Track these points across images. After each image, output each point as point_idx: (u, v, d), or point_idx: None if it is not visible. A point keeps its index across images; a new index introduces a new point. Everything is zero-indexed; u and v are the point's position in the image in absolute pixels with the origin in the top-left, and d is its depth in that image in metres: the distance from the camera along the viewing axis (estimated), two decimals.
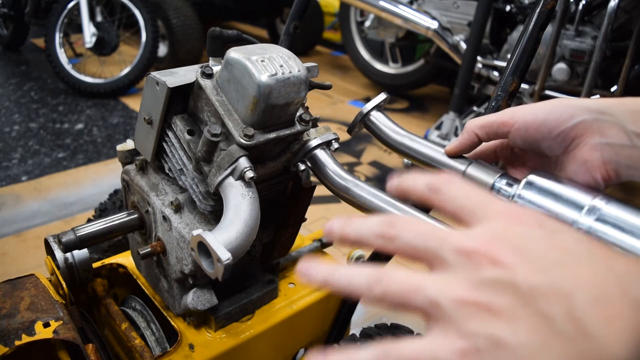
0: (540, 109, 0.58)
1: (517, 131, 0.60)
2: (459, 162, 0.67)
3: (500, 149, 0.69)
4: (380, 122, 0.76)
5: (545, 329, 0.31)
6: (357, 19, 4.01)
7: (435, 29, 3.05)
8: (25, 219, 2.21)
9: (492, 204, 0.39)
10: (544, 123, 0.58)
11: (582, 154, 0.56)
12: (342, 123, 3.44)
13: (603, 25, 2.13)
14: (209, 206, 0.80)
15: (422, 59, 3.65)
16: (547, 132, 0.58)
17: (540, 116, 0.58)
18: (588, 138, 0.56)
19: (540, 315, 0.31)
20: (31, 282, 0.87)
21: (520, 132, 0.60)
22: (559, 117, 0.57)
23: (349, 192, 0.76)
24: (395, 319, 1.74)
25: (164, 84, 0.74)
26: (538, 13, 0.83)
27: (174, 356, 0.87)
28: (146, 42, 3.59)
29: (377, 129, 0.76)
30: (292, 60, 0.73)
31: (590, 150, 0.55)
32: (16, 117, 3.27)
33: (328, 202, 2.42)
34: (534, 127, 0.58)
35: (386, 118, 0.76)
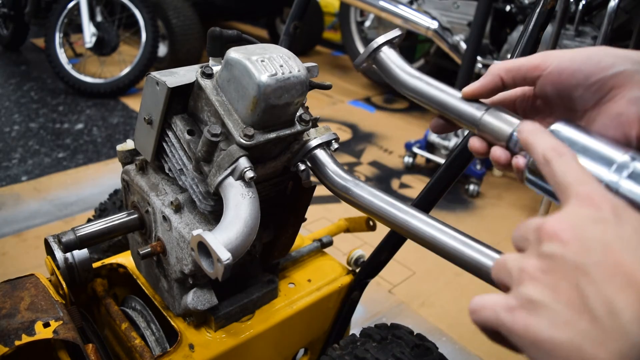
0: (577, 54, 0.54)
1: (548, 76, 0.55)
2: (476, 108, 0.60)
3: (521, 100, 0.62)
4: (391, 60, 0.70)
5: (578, 304, 0.35)
6: (357, 19, 4.01)
7: (435, 29, 3.05)
8: (25, 219, 2.21)
9: (581, 186, 0.41)
10: (581, 68, 0.53)
11: (618, 107, 0.52)
12: (342, 123, 3.44)
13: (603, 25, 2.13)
14: (209, 206, 0.80)
15: (422, 59, 3.65)
16: (583, 79, 0.53)
17: (577, 61, 0.53)
18: (627, 90, 0.51)
19: (577, 290, 0.35)
20: (31, 282, 0.87)
21: (552, 78, 0.55)
22: (598, 63, 0.52)
23: (349, 192, 0.76)
24: (395, 319, 1.74)
25: (164, 84, 0.74)
26: (538, 13, 0.83)
27: (174, 356, 0.87)
28: (146, 42, 3.59)
29: (387, 67, 0.69)
30: (292, 60, 0.73)
31: (627, 103, 0.51)
32: (16, 117, 3.27)
33: (328, 202, 2.42)
34: (568, 73, 0.53)
35: (398, 56, 0.70)
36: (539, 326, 0.36)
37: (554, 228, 0.38)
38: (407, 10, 3.09)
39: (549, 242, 0.38)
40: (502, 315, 0.39)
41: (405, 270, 2.01)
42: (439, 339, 1.70)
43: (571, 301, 0.35)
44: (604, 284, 0.34)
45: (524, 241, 0.42)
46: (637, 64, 0.51)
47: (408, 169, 2.88)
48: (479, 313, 0.41)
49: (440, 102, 0.64)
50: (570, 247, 0.37)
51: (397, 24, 3.22)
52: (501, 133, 0.57)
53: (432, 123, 0.68)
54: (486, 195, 2.64)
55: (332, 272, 1.12)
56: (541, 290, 0.37)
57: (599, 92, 0.53)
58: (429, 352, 0.92)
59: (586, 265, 0.35)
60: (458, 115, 0.63)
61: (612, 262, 0.34)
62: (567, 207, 0.40)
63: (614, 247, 0.35)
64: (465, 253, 0.61)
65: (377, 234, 1.19)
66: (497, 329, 0.40)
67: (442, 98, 0.64)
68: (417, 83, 0.67)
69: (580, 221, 0.38)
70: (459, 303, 1.85)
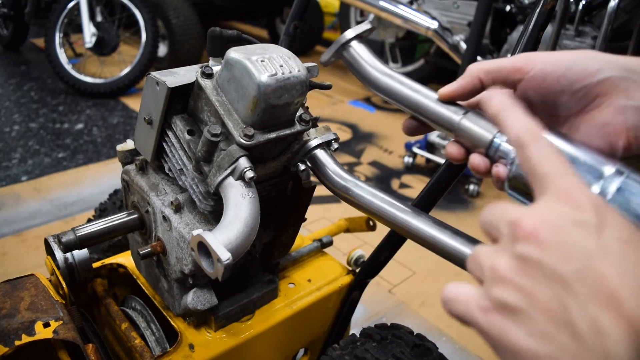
0: (562, 58, 0.50)
1: (531, 80, 0.51)
2: (453, 111, 0.57)
3: None
4: (360, 56, 0.65)
5: (559, 316, 0.33)
6: (357, 19, 4.01)
7: (435, 29, 3.05)
8: (25, 219, 2.21)
9: (560, 178, 0.38)
10: (565, 74, 0.50)
11: (603, 116, 0.49)
12: (342, 123, 3.44)
13: (603, 25, 2.13)
14: (209, 206, 0.80)
15: (422, 59, 3.65)
16: (568, 85, 0.50)
17: (562, 66, 0.50)
18: (613, 98, 0.49)
19: (557, 301, 0.33)
20: (31, 282, 0.87)
21: (534, 82, 0.51)
22: (584, 69, 0.49)
23: (349, 192, 0.76)
24: (395, 319, 1.74)
25: (164, 84, 0.74)
26: (538, 13, 0.83)
27: (174, 356, 0.87)
28: (146, 42, 3.59)
29: (357, 64, 0.65)
30: (292, 60, 0.73)
31: (613, 112, 0.48)
32: (16, 117, 3.27)
33: (328, 202, 2.42)
34: (552, 78, 0.50)
35: (368, 52, 0.66)
36: (516, 334, 0.34)
37: (531, 226, 0.36)
38: (407, 10, 3.09)
39: (524, 243, 0.36)
40: (476, 314, 0.37)
41: (405, 270, 2.01)
42: (439, 339, 1.69)
43: (550, 311, 0.33)
44: (588, 300, 0.32)
45: (495, 230, 0.40)
46: (624, 70, 0.49)
47: (408, 169, 2.88)
48: (452, 305, 0.39)
49: (415, 104, 0.60)
50: (549, 251, 0.34)
51: (397, 24, 3.23)
52: (480, 139, 0.54)
53: (405, 124, 0.63)
54: (486, 195, 2.64)
55: (332, 272, 1.12)
56: (516, 295, 0.35)
57: (584, 99, 0.50)
58: (429, 352, 0.92)
59: (567, 274, 0.33)
60: (434, 119, 0.59)
61: (595, 276, 0.32)
62: (544, 201, 0.38)
63: (597, 257, 0.33)
64: (466, 253, 0.61)
65: (377, 234, 1.19)
66: (469, 324, 0.39)
67: (417, 99, 0.60)
68: (389, 82, 0.62)
69: (560, 221, 0.35)
70: None
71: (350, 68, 0.67)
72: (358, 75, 0.66)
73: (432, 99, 0.59)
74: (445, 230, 0.65)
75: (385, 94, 0.63)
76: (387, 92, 0.63)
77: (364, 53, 0.66)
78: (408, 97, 0.61)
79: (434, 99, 0.59)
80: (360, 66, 0.65)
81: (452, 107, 0.57)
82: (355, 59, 0.66)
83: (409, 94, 0.61)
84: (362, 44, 0.66)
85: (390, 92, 0.63)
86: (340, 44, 0.66)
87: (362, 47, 0.66)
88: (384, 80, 0.63)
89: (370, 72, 0.64)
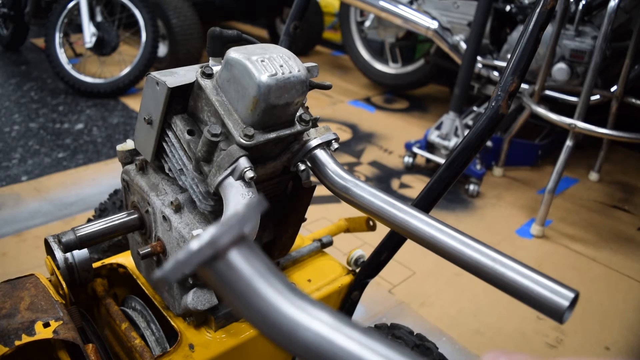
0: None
1: None
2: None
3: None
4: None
5: None
6: (357, 19, 4.01)
7: (435, 29, 3.05)
8: (25, 219, 2.21)
9: None
10: None
11: None
12: (342, 123, 3.44)
13: (603, 25, 2.13)
14: (209, 206, 0.80)
15: (422, 59, 3.65)
16: None
17: None
18: None
19: None
20: (31, 282, 0.87)
21: None
22: None
23: (349, 192, 0.76)
24: (395, 319, 1.74)
25: (164, 84, 0.74)
26: (538, 13, 0.83)
27: (174, 356, 0.87)
28: (146, 42, 3.59)
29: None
30: (292, 60, 0.73)
31: None
32: (16, 117, 3.27)
33: (328, 202, 2.42)
34: None
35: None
36: None
37: None
38: (407, 10, 3.09)
39: None
40: None
41: (405, 270, 2.01)
42: (439, 339, 1.69)
43: None
44: None
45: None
46: None
47: (408, 169, 2.87)
48: None
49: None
50: None
51: (397, 24, 3.23)
52: None
53: None
54: (486, 195, 2.64)
55: (332, 272, 1.12)
56: None
57: None
58: (429, 352, 0.92)
59: None
60: None
61: None
62: None
63: None
64: (465, 253, 0.61)
65: (377, 234, 1.19)
66: None
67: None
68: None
69: None
70: (459, 303, 1.85)
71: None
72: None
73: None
74: (445, 230, 0.65)
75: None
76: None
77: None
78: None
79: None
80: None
81: None
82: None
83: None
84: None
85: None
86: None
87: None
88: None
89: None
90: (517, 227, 2.38)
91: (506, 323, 1.76)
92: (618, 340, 1.74)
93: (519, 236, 2.31)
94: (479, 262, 0.60)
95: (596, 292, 1.98)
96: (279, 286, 0.36)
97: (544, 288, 0.55)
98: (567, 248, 2.25)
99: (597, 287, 2.01)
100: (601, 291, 1.98)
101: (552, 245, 2.27)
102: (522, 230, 2.36)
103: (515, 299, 0.57)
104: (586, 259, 2.18)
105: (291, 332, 0.35)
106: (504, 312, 1.81)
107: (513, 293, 0.57)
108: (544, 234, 2.32)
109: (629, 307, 1.91)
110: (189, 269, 0.34)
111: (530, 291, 0.56)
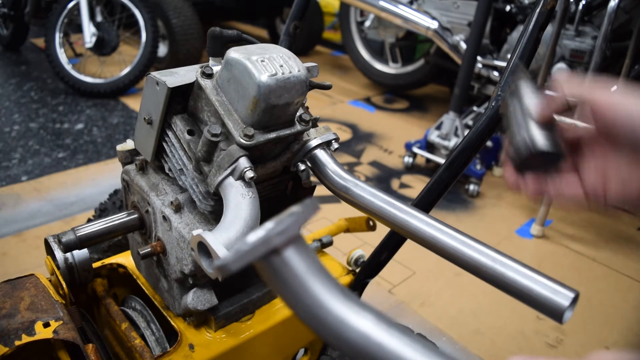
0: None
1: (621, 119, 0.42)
2: None
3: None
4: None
5: None
6: (357, 19, 4.01)
7: (435, 29, 3.05)
8: (25, 219, 2.21)
9: None
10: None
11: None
12: (342, 123, 3.44)
13: (603, 25, 2.13)
14: (209, 206, 0.80)
15: (422, 59, 3.65)
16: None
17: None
18: None
19: None
20: (31, 282, 0.87)
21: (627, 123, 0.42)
22: None
23: (349, 192, 0.76)
24: (395, 319, 1.74)
25: (164, 84, 0.74)
26: (538, 13, 0.83)
27: (174, 356, 0.87)
28: (146, 42, 3.59)
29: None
30: (292, 60, 0.73)
31: None
32: (16, 117, 3.27)
33: (328, 202, 2.42)
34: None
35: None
36: None
37: None
38: (407, 10, 3.09)
39: None
40: None
41: (405, 270, 2.01)
42: (439, 339, 1.69)
43: None
44: None
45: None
46: None
47: (408, 169, 2.87)
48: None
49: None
50: None
51: (397, 24, 3.23)
52: None
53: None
54: (486, 195, 2.64)
55: (332, 272, 1.11)
56: None
57: None
58: None
59: None
60: None
61: None
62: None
63: None
64: (465, 253, 0.61)
65: (377, 234, 1.19)
66: None
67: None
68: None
69: None
70: (459, 303, 1.85)
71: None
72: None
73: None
74: (445, 230, 0.65)
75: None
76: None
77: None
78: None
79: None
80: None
81: None
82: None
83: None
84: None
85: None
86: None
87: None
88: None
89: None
90: (517, 227, 2.38)
91: (506, 323, 1.75)
92: (618, 340, 1.74)
93: (519, 236, 2.32)
94: (479, 262, 0.60)
95: (596, 292, 1.98)
96: (329, 285, 0.39)
97: (544, 288, 0.55)
98: (567, 248, 2.25)
99: (597, 287, 2.01)
100: (601, 291, 1.98)
101: (552, 245, 2.27)
102: (522, 230, 2.36)
103: (515, 299, 0.57)
104: (586, 259, 2.18)
105: (338, 330, 0.37)
106: (504, 312, 1.81)
107: (513, 293, 0.57)
108: (544, 234, 2.32)
109: (629, 307, 1.91)
110: (249, 260, 0.37)
111: (530, 291, 0.56)
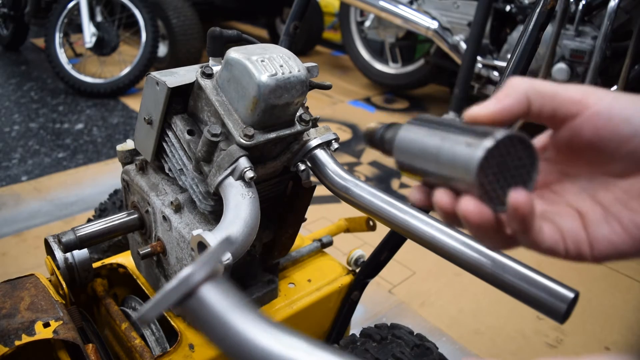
0: (636, 99, 0.39)
1: (593, 117, 0.39)
2: None
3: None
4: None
5: None
6: (357, 19, 4.01)
7: (435, 29, 3.05)
8: (25, 219, 2.21)
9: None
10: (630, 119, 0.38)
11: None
12: (342, 123, 3.44)
13: (603, 25, 2.13)
14: (209, 206, 0.80)
15: (422, 59, 3.65)
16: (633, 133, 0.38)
17: (632, 108, 0.38)
18: None
19: None
20: (31, 282, 0.87)
21: (597, 121, 0.39)
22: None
23: (349, 192, 0.76)
24: (395, 319, 1.74)
25: (164, 84, 0.74)
26: (538, 13, 0.83)
27: (174, 356, 0.87)
28: (146, 42, 3.59)
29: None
30: (292, 60, 0.73)
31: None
32: (16, 117, 3.27)
33: (328, 202, 2.42)
34: (622, 117, 0.38)
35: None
36: None
37: None
38: (407, 10, 3.09)
39: None
40: None
41: (405, 270, 2.01)
42: (439, 339, 1.69)
43: None
44: None
45: None
46: None
47: None
48: None
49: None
50: None
51: (397, 24, 3.23)
52: None
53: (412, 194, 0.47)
54: None
55: (332, 272, 1.12)
56: None
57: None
58: (429, 352, 0.92)
59: None
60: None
61: None
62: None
63: None
64: (465, 253, 0.61)
65: (377, 234, 1.19)
66: None
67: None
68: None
69: None
70: (459, 303, 1.85)
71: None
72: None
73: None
74: (445, 230, 0.65)
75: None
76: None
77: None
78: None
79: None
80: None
81: None
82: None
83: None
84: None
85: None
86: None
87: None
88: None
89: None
90: None
91: (506, 323, 1.75)
92: (618, 340, 1.74)
93: None
94: (479, 262, 0.60)
95: (596, 292, 1.98)
96: (251, 318, 0.37)
97: (543, 288, 0.55)
98: None
99: (597, 287, 2.01)
100: (601, 291, 1.98)
101: None
102: None
103: (515, 299, 0.57)
104: None
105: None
106: (504, 312, 1.81)
107: (513, 293, 0.57)
108: None
109: (629, 307, 1.91)
110: (164, 308, 0.36)
111: (530, 291, 0.56)
